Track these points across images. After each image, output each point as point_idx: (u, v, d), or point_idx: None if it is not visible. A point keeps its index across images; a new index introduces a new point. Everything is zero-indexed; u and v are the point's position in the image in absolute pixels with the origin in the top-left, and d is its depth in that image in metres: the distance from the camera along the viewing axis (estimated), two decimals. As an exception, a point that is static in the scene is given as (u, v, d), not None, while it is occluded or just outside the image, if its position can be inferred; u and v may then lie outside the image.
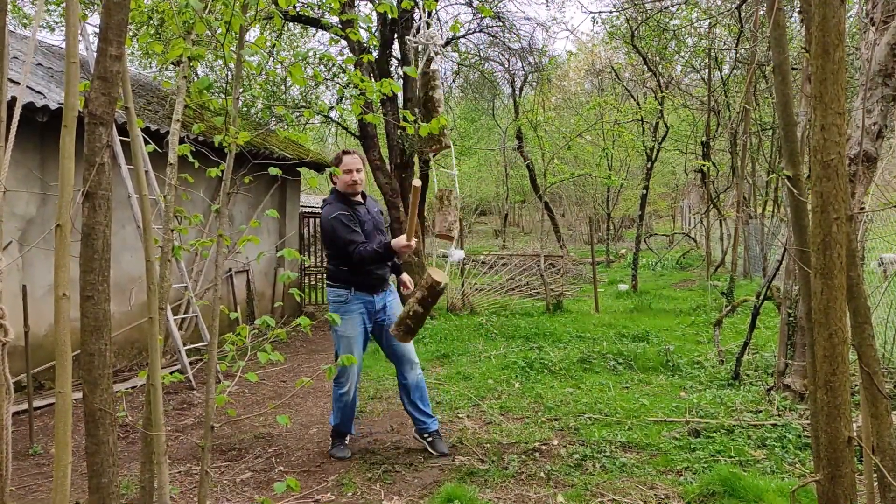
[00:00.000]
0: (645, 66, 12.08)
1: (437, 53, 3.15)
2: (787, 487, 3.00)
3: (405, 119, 2.90)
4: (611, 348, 6.18)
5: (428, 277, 3.23)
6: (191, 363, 5.88)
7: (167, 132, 5.95)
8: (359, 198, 3.82)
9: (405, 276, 4.05)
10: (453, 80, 13.18)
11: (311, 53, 9.36)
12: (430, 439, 3.79)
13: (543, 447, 3.79)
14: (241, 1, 2.13)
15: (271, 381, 5.80)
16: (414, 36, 3.20)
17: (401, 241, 3.50)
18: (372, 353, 5.27)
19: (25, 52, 6.66)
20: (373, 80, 2.72)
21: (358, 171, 3.73)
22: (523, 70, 12.83)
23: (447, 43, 10.93)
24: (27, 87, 5.17)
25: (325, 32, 9.65)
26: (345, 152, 3.79)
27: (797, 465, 3.39)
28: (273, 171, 2.35)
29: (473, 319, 8.19)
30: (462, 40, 11.45)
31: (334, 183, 3.85)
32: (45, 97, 5.09)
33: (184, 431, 4.36)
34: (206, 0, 2.21)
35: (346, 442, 3.90)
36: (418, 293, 3.26)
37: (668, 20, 10.80)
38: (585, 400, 4.69)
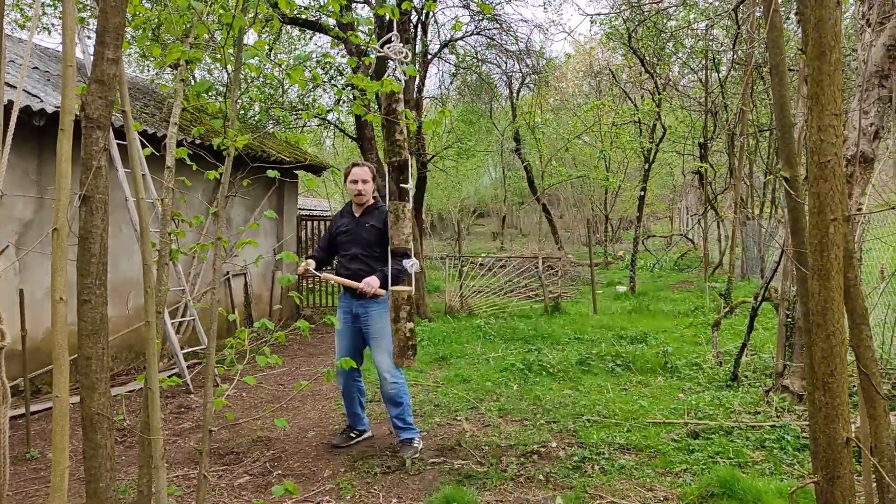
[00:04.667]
0: (642, 68, 12.11)
1: (402, 63, 3.17)
2: (786, 489, 3.00)
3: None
4: (609, 350, 6.18)
5: (393, 295, 3.40)
6: (188, 367, 5.87)
7: (164, 135, 5.93)
8: (362, 207, 4.00)
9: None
10: (451, 82, 13.19)
11: (309, 55, 9.37)
12: (398, 444, 3.88)
13: (542, 449, 3.78)
14: (239, 2, 2.13)
15: (269, 384, 5.79)
16: (382, 47, 3.19)
17: (303, 264, 3.77)
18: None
19: (22, 55, 6.65)
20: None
21: (364, 181, 3.93)
22: (520, 72, 12.84)
23: (444, 45, 10.94)
24: (24, 90, 5.17)
25: (323, 35, 9.67)
26: (354, 164, 4.02)
27: (796, 467, 3.39)
28: (271, 173, 2.35)
29: (472, 321, 8.18)
30: (459, 42, 11.46)
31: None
32: (41, 100, 5.08)
33: (181, 435, 4.35)
34: (206, 1, 2.21)
35: (352, 435, 4.09)
36: (392, 314, 3.41)
37: (665, 21, 10.83)
38: (584, 402, 4.68)
